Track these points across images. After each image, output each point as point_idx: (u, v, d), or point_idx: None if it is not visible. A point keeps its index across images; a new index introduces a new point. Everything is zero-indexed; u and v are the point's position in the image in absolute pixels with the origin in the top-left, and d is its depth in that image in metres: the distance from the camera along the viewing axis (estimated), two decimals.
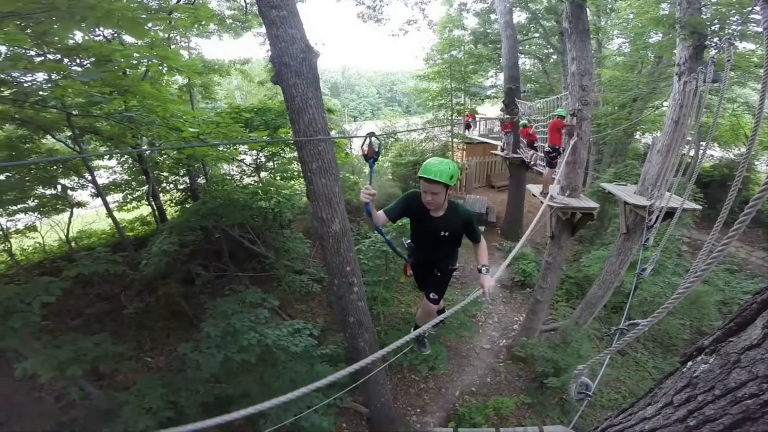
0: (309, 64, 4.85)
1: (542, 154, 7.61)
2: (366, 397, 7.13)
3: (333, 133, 10.20)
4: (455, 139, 18.50)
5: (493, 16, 16.35)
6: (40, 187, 8.44)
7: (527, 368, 8.72)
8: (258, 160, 9.95)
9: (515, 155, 13.08)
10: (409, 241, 3.02)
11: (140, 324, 8.71)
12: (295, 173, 10.07)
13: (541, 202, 6.92)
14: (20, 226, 9.24)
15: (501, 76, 17.07)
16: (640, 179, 7.42)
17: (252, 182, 9.55)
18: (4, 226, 8.66)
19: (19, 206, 8.48)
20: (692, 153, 13.38)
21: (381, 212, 2.55)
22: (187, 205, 10.64)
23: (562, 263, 8.74)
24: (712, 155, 17.86)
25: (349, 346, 6.51)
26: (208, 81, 12.75)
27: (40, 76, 4.49)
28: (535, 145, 10.17)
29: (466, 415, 7.44)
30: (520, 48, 16.64)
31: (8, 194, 7.61)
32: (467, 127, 18.93)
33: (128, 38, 8.06)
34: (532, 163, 10.33)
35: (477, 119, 16.67)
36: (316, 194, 5.12)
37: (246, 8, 11.36)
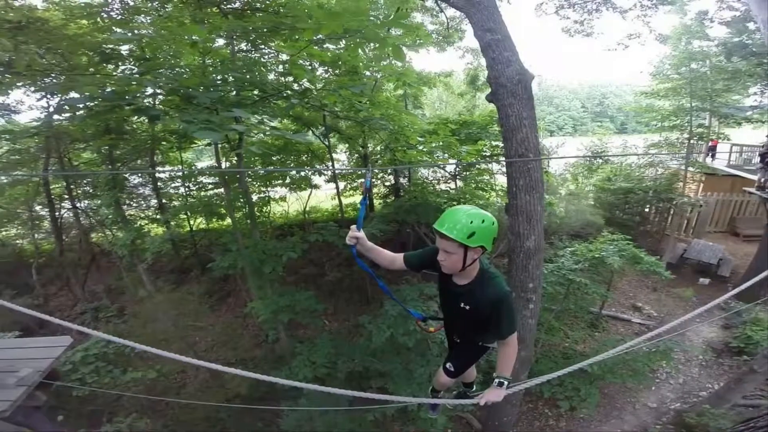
0: (524, 86, 4.93)
1: None
2: (486, 412, 6.68)
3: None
4: (690, 168, 15.04)
5: (750, 25, 12.61)
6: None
7: None
8: (456, 169, 10.63)
9: None
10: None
11: (332, 291, 10.52)
12: (487, 186, 10.34)
13: None
14: (276, 196, 12.55)
15: None
16: None
17: (447, 188, 10.26)
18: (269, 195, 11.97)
19: (278, 182, 11.58)
20: None
21: (399, 255, 2.20)
22: (388, 200, 12.35)
23: None
24: None
25: None
26: (417, 91, 14.24)
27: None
28: None
29: None
30: None
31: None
32: (712, 152, 15.17)
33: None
34: None
35: None
36: (518, 209, 5.18)
37: (447, 24, 12.10)
